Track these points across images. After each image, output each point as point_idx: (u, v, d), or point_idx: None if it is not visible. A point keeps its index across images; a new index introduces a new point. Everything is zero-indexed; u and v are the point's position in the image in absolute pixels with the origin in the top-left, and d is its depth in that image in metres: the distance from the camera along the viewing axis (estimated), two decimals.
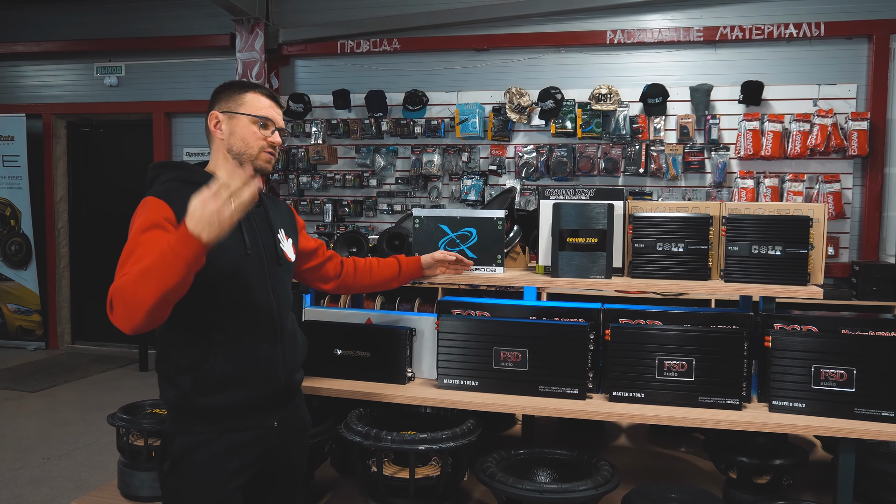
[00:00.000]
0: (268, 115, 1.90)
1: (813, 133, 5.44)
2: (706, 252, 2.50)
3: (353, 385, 2.54)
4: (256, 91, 1.92)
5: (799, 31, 5.62)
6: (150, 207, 1.72)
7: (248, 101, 1.89)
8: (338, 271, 2.33)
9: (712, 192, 5.75)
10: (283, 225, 2.03)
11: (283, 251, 1.97)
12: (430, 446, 2.21)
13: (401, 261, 2.46)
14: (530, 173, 6.01)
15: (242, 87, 1.92)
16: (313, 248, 2.24)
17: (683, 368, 2.32)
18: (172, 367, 1.78)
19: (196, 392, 1.75)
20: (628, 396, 2.37)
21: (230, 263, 1.79)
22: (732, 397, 2.29)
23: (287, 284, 1.99)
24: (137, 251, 1.61)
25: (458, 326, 2.49)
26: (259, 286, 1.85)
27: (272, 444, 1.89)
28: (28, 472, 4.22)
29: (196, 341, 1.77)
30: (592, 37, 6.01)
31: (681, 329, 2.36)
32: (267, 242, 1.92)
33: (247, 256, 1.83)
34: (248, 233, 1.86)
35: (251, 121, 1.87)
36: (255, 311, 1.84)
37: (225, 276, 1.78)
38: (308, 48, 6.61)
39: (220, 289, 1.78)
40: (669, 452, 3.13)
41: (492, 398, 2.41)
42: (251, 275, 1.84)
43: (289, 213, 2.13)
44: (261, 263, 1.87)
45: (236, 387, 1.79)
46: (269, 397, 1.87)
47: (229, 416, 1.79)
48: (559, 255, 2.54)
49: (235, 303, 1.80)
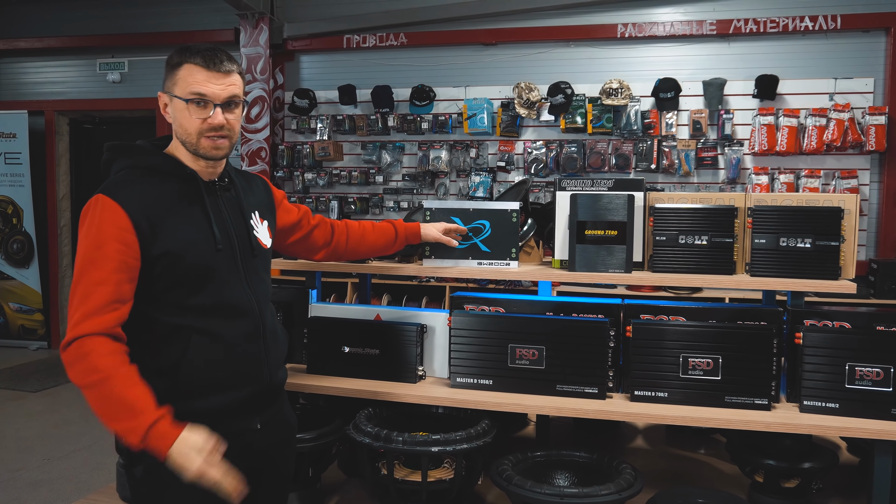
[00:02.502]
0: (202, 90, 1.63)
1: (829, 128, 5.32)
2: (731, 245, 2.38)
3: (362, 384, 2.43)
4: (191, 62, 1.65)
5: (815, 24, 5.50)
6: (104, 214, 1.57)
7: (181, 79, 1.65)
8: (327, 239, 2.20)
9: (725, 188, 5.64)
10: (256, 206, 1.87)
11: (258, 239, 1.82)
12: (444, 448, 2.10)
13: (397, 226, 2.34)
14: (539, 169, 5.90)
15: (179, 57, 1.67)
16: (296, 221, 2.10)
17: (709, 367, 2.21)
18: (146, 370, 1.60)
19: (173, 397, 1.60)
20: (650, 396, 2.25)
21: (201, 260, 1.66)
22: (761, 397, 2.17)
23: (264, 275, 1.85)
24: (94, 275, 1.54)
25: (471, 322, 2.38)
26: (234, 281, 1.72)
27: (256, 448, 1.77)
28: (28, 473, 4.13)
29: (171, 344, 1.64)
30: (603, 30, 5.90)
31: (707, 325, 2.25)
32: (240, 232, 1.77)
33: (217, 252, 1.69)
34: (217, 225, 1.71)
35: (185, 104, 1.65)
36: (233, 308, 1.71)
37: (196, 274, 1.65)
38: (313, 43, 6.52)
39: (193, 288, 1.65)
40: (689, 454, 3.01)
41: (507, 398, 2.30)
42: (224, 270, 1.70)
43: (263, 189, 1.95)
44: (233, 256, 1.73)
45: (217, 391, 1.68)
46: (253, 399, 1.75)
47: (209, 420, 1.63)
48: (577, 248, 2.42)
49: (211, 301, 1.67)
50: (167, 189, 1.67)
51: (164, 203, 1.65)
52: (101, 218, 1.57)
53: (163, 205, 1.64)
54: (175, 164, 1.70)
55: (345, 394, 2.40)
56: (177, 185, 1.69)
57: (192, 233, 1.66)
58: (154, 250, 1.60)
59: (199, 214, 1.69)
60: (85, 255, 1.57)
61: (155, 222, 1.61)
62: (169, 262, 1.62)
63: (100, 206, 1.58)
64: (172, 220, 1.64)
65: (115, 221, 1.57)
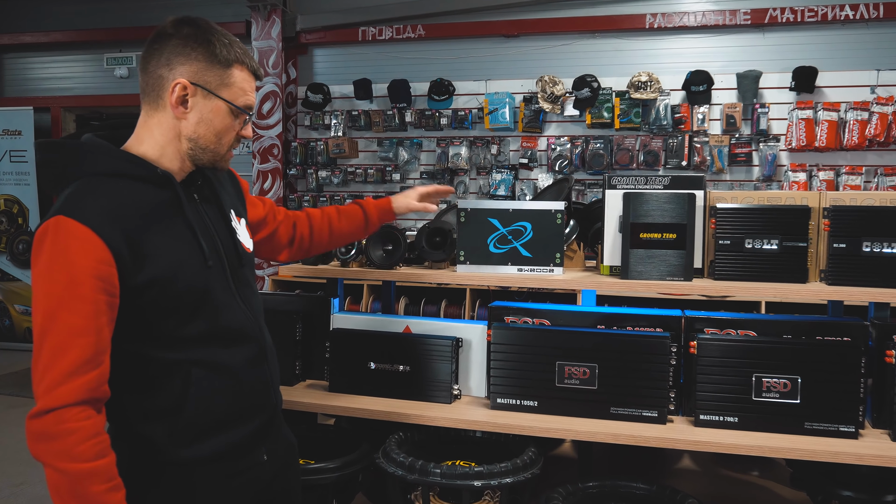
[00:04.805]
0: (253, 102, 1.47)
1: (871, 122, 5.04)
2: (804, 250, 2.13)
3: (390, 404, 2.19)
4: (242, 63, 1.43)
5: (855, 13, 5.21)
6: (71, 242, 1.25)
7: (236, 83, 1.42)
8: (290, 235, 1.89)
9: (760, 186, 5.36)
10: (232, 205, 1.59)
11: (241, 243, 1.55)
12: (488, 482, 1.86)
13: (366, 207, 2.03)
14: (564, 167, 5.64)
15: (226, 51, 1.41)
16: (262, 217, 1.80)
17: (786, 388, 1.95)
18: (134, 416, 1.36)
19: (174, 443, 1.36)
20: (718, 421, 2.00)
21: (192, 281, 1.38)
22: (847, 423, 1.92)
23: (254, 284, 1.59)
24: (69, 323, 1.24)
25: (513, 337, 2.13)
26: (228, 300, 1.45)
27: (263, 480, 1.52)
28: (30, 488, 3.91)
29: (168, 383, 1.36)
30: (630, 21, 5.63)
31: (783, 341, 1.99)
32: (225, 240, 1.49)
33: (208, 269, 1.41)
34: (203, 236, 1.42)
35: (231, 110, 1.42)
36: (232, 331, 1.45)
37: (190, 299, 1.37)
38: (327, 36, 6.28)
39: (185, 315, 1.37)
40: (742, 477, 2.76)
41: (555, 421, 2.05)
42: (218, 289, 1.43)
43: (231, 182, 1.66)
44: (223, 270, 1.46)
45: (225, 428, 1.43)
46: (260, 429, 1.51)
47: (214, 467, 1.40)
48: (630, 252, 2.17)
49: (207, 327, 1.40)
50: (140, 198, 1.36)
51: (140, 217, 1.33)
52: (66, 247, 1.25)
53: (139, 220, 1.33)
54: (145, 166, 1.39)
55: (372, 416, 2.16)
56: (150, 192, 1.37)
57: (178, 250, 1.37)
58: (139, 278, 1.30)
59: (180, 226, 1.40)
60: (52, 297, 1.25)
61: (135, 244, 1.30)
62: (157, 289, 1.33)
63: (63, 233, 1.25)
64: (154, 237, 1.34)
65: (87, 251, 1.25)
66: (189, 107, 1.40)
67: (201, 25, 1.43)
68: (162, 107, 1.41)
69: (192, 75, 1.39)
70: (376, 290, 5.86)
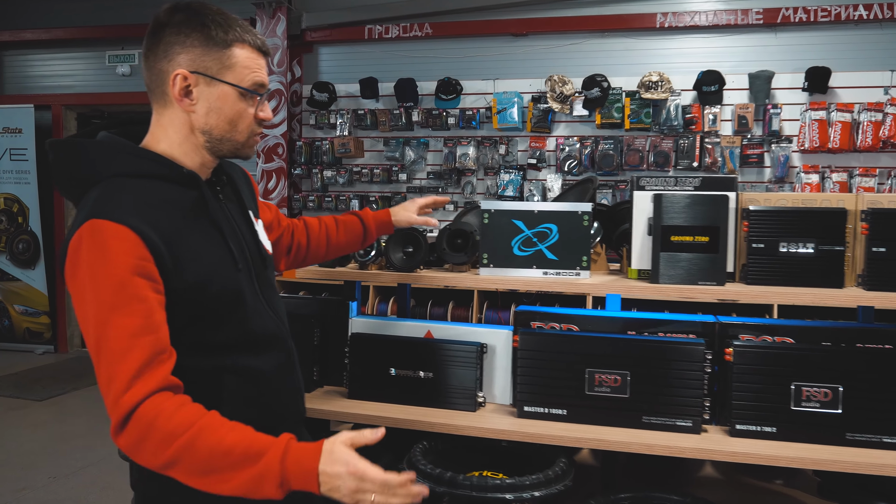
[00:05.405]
0: (264, 80, 1.38)
1: (886, 123, 4.98)
2: (842, 254, 2.06)
3: (413, 412, 2.11)
4: (243, 40, 1.34)
5: (869, 13, 5.15)
6: (111, 243, 1.18)
7: (239, 63, 1.33)
8: (289, 243, 1.84)
9: (772, 187, 5.30)
10: (252, 205, 1.53)
11: (263, 245, 1.49)
12: (520, 494, 1.78)
13: (365, 218, 1.98)
14: (573, 167, 5.57)
15: (222, 32, 1.32)
16: (269, 222, 1.73)
17: (828, 398, 1.88)
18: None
19: None
20: (756, 431, 1.92)
21: (226, 284, 1.32)
22: (892, 434, 1.84)
23: (276, 287, 1.53)
24: (125, 325, 1.15)
25: (541, 343, 2.05)
26: (256, 304, 1.39)
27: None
28: (32, 493, 3.83)
29: (199, 393, 1.25)
30: (640, 20, 5.57)
31: (824, 349, 1.92)
32: (249, 242, 1.44)
33: (238, 272, 1.35)
34: (230, 237, 1.36)
35: (240, 93, 1.34)
36: (262, 337, 1.39)
37: (222, 303, 1.31)
38: (333, 34, 6.20)
39: (215, 320, 1.31)
40: (766, 485, 2.68)
41: (585, 431, 1.97)
42: (248, 293, 1.37)
43: (245, 180, 1.59)
44: (249, 273, 1.39)
45: None
46: None
47: None
48: (660, 256, 2.10)
49: (237, 333, 1.34)
50: (170, 199, 1.30)
51: (172, 219, 1.28)
52: (107, 249, 1.18)
53: (172, 222, 1.27)
54: (171, 166, 1.33)
55: (395, 424, 2.08)
56: (177, 193, 1.32)
57: (209, 253, 1.31)
58: (177, 282, 1.24)
59: (208, 227, 1.35)
60: (102, 304, 1.17)
61: (171, 247, 1.25)
62: (192, 294, 1.27)
63: (100, 235, 1.19)
64: (187, 240, 1.28)
65: (128, 250, 1.18)
66: (194, 97, 1.33)
67: (194, 8, 1.35)
68: (169, 102, 1.34)
69: (190, 63, 1.32)
70: (383, 291, 5.79)
